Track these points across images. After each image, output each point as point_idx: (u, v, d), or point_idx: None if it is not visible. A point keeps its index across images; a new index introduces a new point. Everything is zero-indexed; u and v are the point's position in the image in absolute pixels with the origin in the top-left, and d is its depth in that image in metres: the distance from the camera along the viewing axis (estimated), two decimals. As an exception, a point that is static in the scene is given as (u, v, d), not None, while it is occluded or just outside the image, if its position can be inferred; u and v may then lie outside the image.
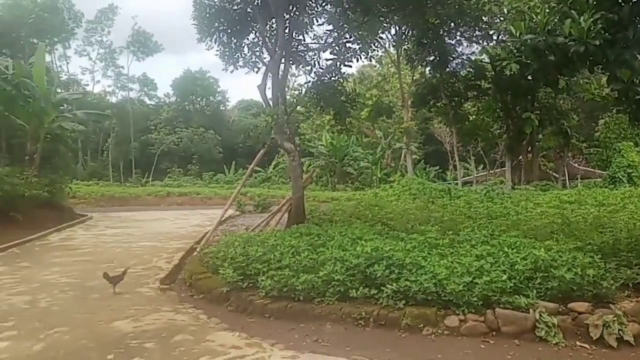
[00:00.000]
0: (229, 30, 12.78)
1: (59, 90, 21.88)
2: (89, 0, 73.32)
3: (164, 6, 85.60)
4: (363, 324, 6.13)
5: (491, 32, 25.72)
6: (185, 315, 6.82)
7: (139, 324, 6.38)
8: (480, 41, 27.05)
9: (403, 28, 25.20)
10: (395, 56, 30.56)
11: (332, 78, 13.80)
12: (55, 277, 9.21)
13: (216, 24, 12.62)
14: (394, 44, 29.19)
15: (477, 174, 39.32)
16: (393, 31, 26.38)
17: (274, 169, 43.99)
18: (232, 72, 13.40)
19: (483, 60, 27.73)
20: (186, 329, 6.18)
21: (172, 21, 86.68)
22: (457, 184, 29.61)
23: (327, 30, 13.72)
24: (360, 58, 13.69)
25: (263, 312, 6.65)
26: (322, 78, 13.67)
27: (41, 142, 17.92)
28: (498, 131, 30.25)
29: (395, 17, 15.95)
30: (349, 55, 13.44)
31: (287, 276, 6.85)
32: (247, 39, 13.18)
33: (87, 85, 55.31)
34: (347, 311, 6.29)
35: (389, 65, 37.62)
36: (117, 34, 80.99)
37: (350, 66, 13.78)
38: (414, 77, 30.61)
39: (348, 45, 13.46)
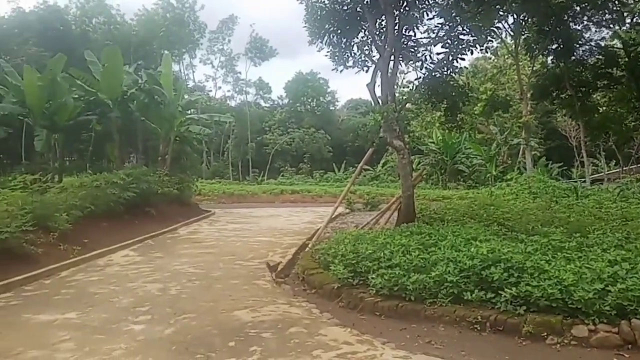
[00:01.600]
0: (339, 31, 13.00)
1: (185, 97, 23.70)
2: (212, 12, 78.44)
3: (278, 13, 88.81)
4: (479, 328, 5.92)
5: (625, 15, 23.42)
6: (299, 309, 7.10)
7: (256, 314, 6.76)
8: (611, 25, 24.73)
9: (522, 15, 23.79)
10: (513, 46, 29.00)
11: (445, 72, 13.44)
12: (184, 267, 10.04)
13: (327, 26, 12.90)
14: (511, 33, 27.71)
15: (608, 171, 36.05)
16: (510, 20, 25.04)
17: (382, 167, 43.85)
18: (341, 71, 13.62)
19: (615, 46, 25.35)
20: (300, 322, 6.43)
21: (285, 27, 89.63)
22: (584, 182, 27.40)
23: (438, 23, 13.39)
24: (476, 50, 13.17)
25: (374, 310, 6.71)
26: (434, 73, 13.37)
27: (171, 144, 19.58)
28: (633, 123, 27.46)
29: (513, 5, 15.16)
30: (462, 47, 12.97)
31: (397, 275, 6.85)
32: (357, 38, 13.30)
33: (210, 91, 59.12)
34: (461, 314, 6.12)
35: (506, 57, 35.75)
36: (237, 42, 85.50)
37: (464, 59, 13.26)
38: (534, 68, 28.79)
39: (461, 37, 13.01)
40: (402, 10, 12.74)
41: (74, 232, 11.46)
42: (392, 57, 12.44)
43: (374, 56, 13.04)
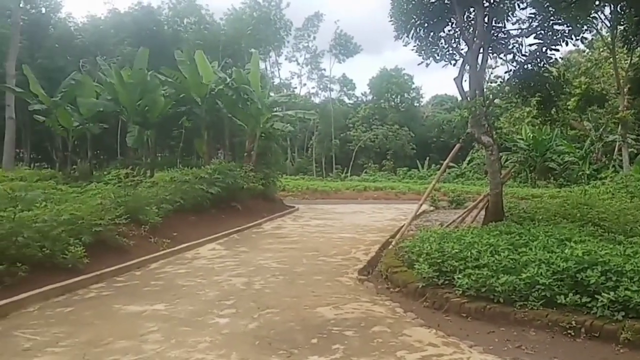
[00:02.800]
0: (426, 24, 12.63)
1: (271, 94, 24.22)
2: (297, 10, 79.65)
3: (363, 9, 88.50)
4: (573, 334, 5.54)
5: None
6: (382, 307, 6.96)
7: (339, 311, 6.70)
8: None
9: (619, 5, 21.94)
10: (609, 38, 26.93)
11: (538, 64, 12.68)
12: (268, 262, 10.20)
13: (413, 19, 12.57)
14: (608, 24, 25.73)
15: None
16: (607, 10, 23.21)
17: (468, 164, 42.47)
18: (427, 66, 13.25)
19: None
20: (383, 321, 6.30)
21: (370, 22, 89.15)
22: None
23: (530, 14, 12.63)
24: (571, 40, 12.31)
25: (460, 311, 6.44)
26: (526, 65, 12.66)
27: (257, 141, 20.07)
28: None
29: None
30: (556, 38, 12.17)
31: (485, 276, 6.52)
32: (444, 31, 12.86)
33: (295, 88, 60.16)
34: (554, 318, 5.75)
35: (601, 49, 33.29)
36: (321, 39, 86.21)
37: (558, 50, 12.42)
38: (632, 61, 26.59)
39: (555, 27, 12.20)
40: (492, 1, 12.16)
41: (164, 226, 11.97)
42: (481, 50, 11.91)
43: (462, 49, 12.57)
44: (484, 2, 11.87)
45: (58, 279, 7.79)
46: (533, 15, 12.44)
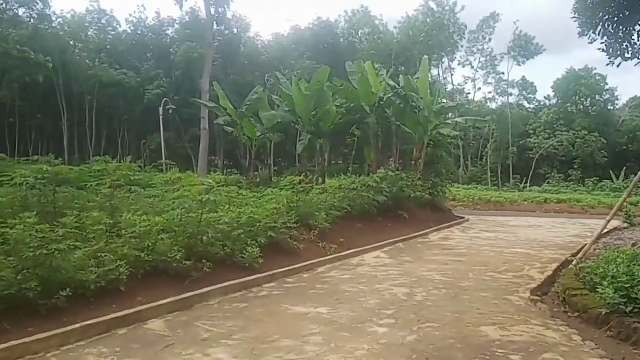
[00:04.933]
0: (615, 18, 11.19)
1: (443, 100, 23.69)
2: (471, 12, 76.97)
3: (545, 5, 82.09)
4: None
5: None
6: (556, 333, 6.29)
7: (505, 332, 6.22)
8: None
9: None
10: None
11: None
12: (432, 273, 9.92)
13: (600, 14, 11.24)
14: None
15: None
16: None
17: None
18: (618, 65, 11.71)
19: None
20: (556, 348, 5.68)
21: (552, 20, 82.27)
22: None
23: None
24: None
25: (653, 346, 5.54)
26: None
27: (425, 148, 19.78)
28: None
29: None
30: None
31: (689, 309, 5.51)
32: (638, 25, 11.27)
33: (469, 93, 58.14)
34: None
35: None
36: (498, 41, 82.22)
37: None
38: None
39: None
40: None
41: (332, 231, 12.38)
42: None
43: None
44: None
45: (236, 276, 8.53)
46: None
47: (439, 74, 53.33)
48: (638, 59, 11.27)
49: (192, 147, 42.41)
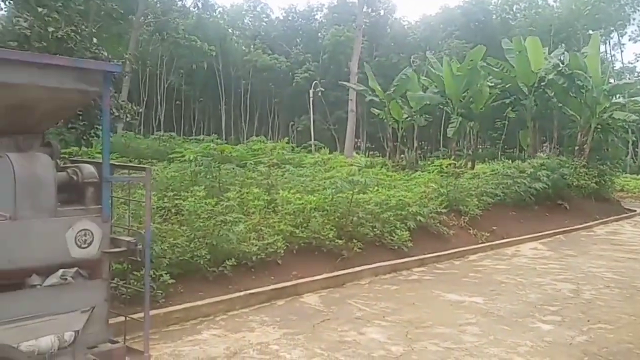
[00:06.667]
0: None
1: (610, 80, 21.22)
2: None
3: None
4: None
5: None
6: None
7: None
8: None
9: None
10: None
11: None
12: (600, 270, 9.01)
13: None
14: None
15: None
16: None
17: None
18: None
19: None
20: None
21: None
22: None
23: None
24: None
25: None
26: None
27: (591, 133, 17.88)
28: None
29: None
30: None
31: None
32: None
33: (641, 71, 51.45)
34: None
35: None
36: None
37: None
38: None
39: None
40: None
41: (483, 218, 11.77)
42: None
43: None
44: None
45: (386, 257, 8.52)
46: None
47: (606, 52, 47.89)
48: None
49: (336, 129, 43.36)
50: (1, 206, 3.16)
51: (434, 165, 14.19)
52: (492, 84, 19.96)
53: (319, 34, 49.48)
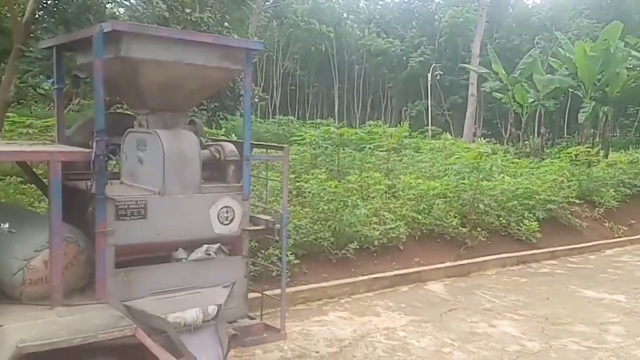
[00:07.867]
0: None
1: None
2: None
3: None
4: None
5: None
6: None
7: None
8: None
9: None
10: None
11: None
12: None
13: None
14: None
15: None
16: None
17: None
18: None
19: None
20: None
21: None
22: None
23: None
24: None
25: None
26: None
27: None
28: None
29: None
30: None
31: None
32: None
33: None
34: None
35: None
36: None
37: None
38: None
39: None
40: None
41: (620, 211, 10.85)
42: None
43: None
44: None
45: (512, 248, 8.11)
46: None
47: None
48: None
49: (450, 114, 41.82)
50: (150, 181, 3.31)
51: (566, 153, 13.15)
52: (631, 66, 17.97)
53: (436, 17, 47.82)
